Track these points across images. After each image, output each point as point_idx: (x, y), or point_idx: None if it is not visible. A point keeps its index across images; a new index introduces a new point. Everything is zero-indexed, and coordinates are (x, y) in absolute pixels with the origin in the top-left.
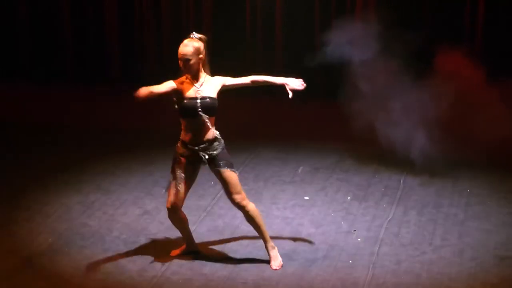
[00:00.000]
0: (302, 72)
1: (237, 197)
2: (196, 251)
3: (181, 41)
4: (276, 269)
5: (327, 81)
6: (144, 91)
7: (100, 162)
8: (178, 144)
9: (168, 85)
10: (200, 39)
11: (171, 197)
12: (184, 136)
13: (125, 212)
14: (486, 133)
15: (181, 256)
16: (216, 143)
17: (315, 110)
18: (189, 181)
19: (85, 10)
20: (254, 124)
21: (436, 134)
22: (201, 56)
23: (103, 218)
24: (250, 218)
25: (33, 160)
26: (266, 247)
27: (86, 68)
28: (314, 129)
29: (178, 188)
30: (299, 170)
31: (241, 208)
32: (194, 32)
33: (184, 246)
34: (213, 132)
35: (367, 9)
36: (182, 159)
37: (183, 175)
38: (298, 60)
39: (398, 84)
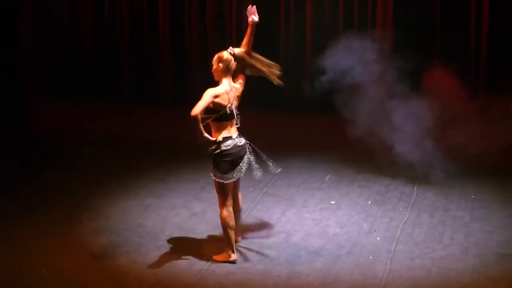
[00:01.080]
0: (325, 92)
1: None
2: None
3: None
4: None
5: (342, 99)
6: (196, 116)
7: (154, 170)
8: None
9: (207, 99)
10: (232, 53)
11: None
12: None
13: (176, 214)
14: (487, 144)
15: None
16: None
17: (339, 125)
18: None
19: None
20: (287, 138)
21: (442, 146)
22: (220, 64)
23: (157, 219)
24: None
25: (96, 169)
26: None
27: (141, 88)
28: (339, 142)
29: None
30: (326, 178)
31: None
32: (230, 47)
33: (224, 254)
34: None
35: (385, 26)
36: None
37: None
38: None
39: (407, 102)
